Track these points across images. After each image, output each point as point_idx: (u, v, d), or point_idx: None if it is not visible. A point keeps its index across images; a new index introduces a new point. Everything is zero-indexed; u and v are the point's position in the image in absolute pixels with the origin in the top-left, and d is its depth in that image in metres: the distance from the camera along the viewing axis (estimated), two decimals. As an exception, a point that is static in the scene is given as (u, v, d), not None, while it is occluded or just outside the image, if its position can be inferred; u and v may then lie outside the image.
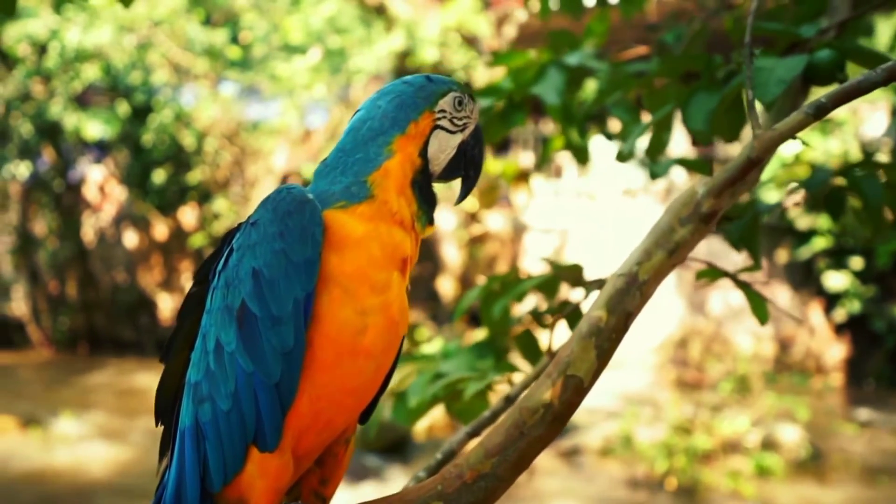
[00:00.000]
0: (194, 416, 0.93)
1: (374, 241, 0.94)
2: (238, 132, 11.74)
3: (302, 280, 0.88)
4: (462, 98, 1.03)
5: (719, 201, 1.02)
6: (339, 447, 1.02)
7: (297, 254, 0.89)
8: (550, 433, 0.95)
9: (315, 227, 0.90)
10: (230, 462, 0.90)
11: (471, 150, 1.04)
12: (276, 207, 0.92)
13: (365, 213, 0.95)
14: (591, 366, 0.97)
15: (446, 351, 2.14)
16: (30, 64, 10.60)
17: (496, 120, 2.22)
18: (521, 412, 0.94)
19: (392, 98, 1.01)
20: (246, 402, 0.88)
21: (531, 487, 7.71)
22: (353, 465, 7.73)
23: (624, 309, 0.99)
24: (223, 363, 0.90)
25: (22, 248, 12.34)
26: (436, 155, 1.01)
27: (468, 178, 1.06)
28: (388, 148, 0.98)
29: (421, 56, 11.01)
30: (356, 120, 1.02)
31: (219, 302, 0.92)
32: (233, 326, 0.90)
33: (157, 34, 10.96)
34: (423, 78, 1.04)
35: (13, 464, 7.75)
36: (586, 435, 8.70)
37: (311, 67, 11.16)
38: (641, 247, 1.02)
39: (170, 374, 1.02)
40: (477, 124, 1.05)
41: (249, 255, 0.91)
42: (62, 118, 10.83)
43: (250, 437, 0.89)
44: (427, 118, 1.00)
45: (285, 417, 0.90)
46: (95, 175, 12.72)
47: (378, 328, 0.94)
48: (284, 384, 0.88)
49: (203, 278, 1.00)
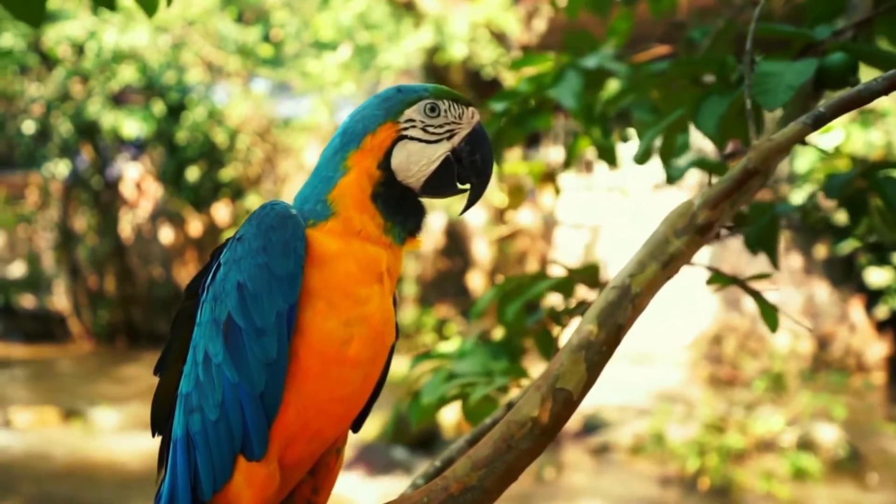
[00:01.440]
0: (185, 426, 0.95)
1: (349, 257, 0.95)
2: (269, 129, 11.88)
3: (284, 292, 0.90)
4: (436, 105, 1.00)
5: (715, 213, 1.00)
6: (330, 457, 1.04)
7: (279, 267, 0.90)
8: (538, 447, 0.95)
9: (297, 241, 0.92)
10: (219, 471, 0.92)
11: (469, 157, 1.01)
12: (260, 223, 0.94)
13: (333, 230, 0.96)
14: (581, 379, 0.96)
15: (462, 350, 2.14)
16: (69, 65, 10.87)
17: (512, 124, 2.20)
18: (508, 425, 0.94)
19: (356, 113, 1.02)
20: (233, 412, 0.91)
21: (559, 484, 7.68)
22: (381, 458, 7.79)
23: (615, 322, 0.98)
24: (211, 374, 0.92)
25: (63, 244, 12.69)
26: (404, 166, 0.98)
27: (472, 186, 1.03)
28: (343, 164, 0.98)
29: (450, 52, 10.99)
30: (332, 138, 1.03)
31: (207, 315, 0.95)
32: (219, 339, 0.92)
33: (190, 34, 11.14)
34: (394, 89, 1.02)
35: (55, 453, 7.99)
36: (617, 432, 8.63)
37: (341, 64, 11.23)
38: (635, 258, 1.01)
39: (164, 385, 1.04)
40: (475, 128, 1.02)
41: (235, 269, 0.93)
42: (100, 117, 11.08)
43: (238, 446, 0.91)
44: (388, 129, 0.98)
45: (271, 427, 0.92)
46: (132, 172, 13.00)
47: (363, 338, 0.95)
48: (269, 394, 0.90)
49: (193, 293, 1.02)
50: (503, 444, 0.94)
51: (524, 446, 0.94)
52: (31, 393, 9.98)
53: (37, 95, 11.07)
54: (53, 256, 12.91)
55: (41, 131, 11.64)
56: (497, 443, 0.94)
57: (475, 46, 11.21)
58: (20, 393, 9.98)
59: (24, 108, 11.29)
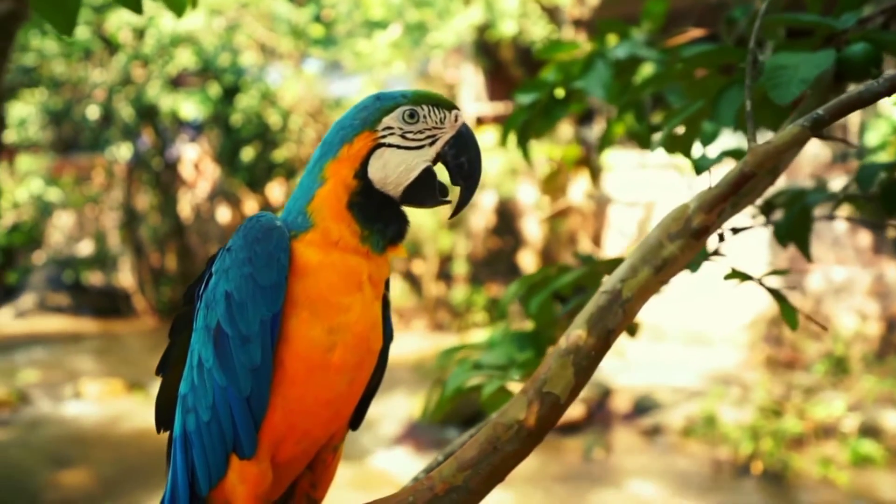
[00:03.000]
0: (183, 425, 1.01)
1: (328, 268, 0.97)
2: (321, 109, 12.01)
3: (268, 302, 0.93)
4: (415, 111, 0.99)
5: (711, 216, 0.99)
6: (327, 454, 1.08)
7: (263, 278, 0.94)
8: (524, 449, 0.96)
9: (280, 252, 0.95)
10: (214, 468, 0.97)
11: (454, 160, 1.00)
12: (247, 235, 0.98)
13: (313, 241, 0.98)
14: (569, 383, 0.97)
15: (491, 340, 2.16)
16: (130, 50, 11.20)
17: (540, 115, 2.17)
18: (495, 428, 0.96)
19: (336, 124, 1.03)
20: (223, 413, 0.95)
21: (608, 465, 7.65)
22: (429, 435, 7.91)
23: (605, 327, 0.98)
24: (203, 378, 0.97)
25: (127, 223, 13.19)
26: (381, 174, 0.98)
27: (461, 189, 1.02)
28: (320, 175, 0.99)
29: (500, 29, 10.86)
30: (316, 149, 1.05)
31: (201, 322, 0.99)
32: (210, 345, 0.96)
33: (244, 16, 11.32)
34: (373, 97, 1.02)
35: (121, 423, 8.41)
36: (668, 414, 8.52)
37: (391, 43, 11.23)
38: (627, 263, 1.00)
39: (167, 385, 1.10)
40: (459, 131, 1.00)
41: (224, 279, 0.97)
42: (159, 100, 11.41)
43: (230, 445, 0.96)
44: (365, 139, 0.99)
45: (260, 428, 0.96)
46: (190, 154, 13.38)
47: (346, 345, 0.97)
48: (255, 398, 0.94)
49: (190, 299, 1.07)
50: (489, 445, 0.95)
51: (510, 448, 0.96)
52: (99, 365, 10.50)
53: (100, 81, 11.46)
54: (119, 235, 13.43)
55: (105, 115, 12.06)
56: (483, 445, 0.96)
57: (526, 22, 11.05)
58: (90, 365, 10.51)
59: (88, 93, 11.71)
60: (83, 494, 6.71)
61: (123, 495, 6.48)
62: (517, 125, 2.08)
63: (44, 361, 10.52)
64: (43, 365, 10.22)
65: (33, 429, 8.24)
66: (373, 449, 7.77)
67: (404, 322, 12.83)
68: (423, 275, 12.78)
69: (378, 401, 4.93)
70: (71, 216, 14.22)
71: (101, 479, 7.05)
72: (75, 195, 13.23)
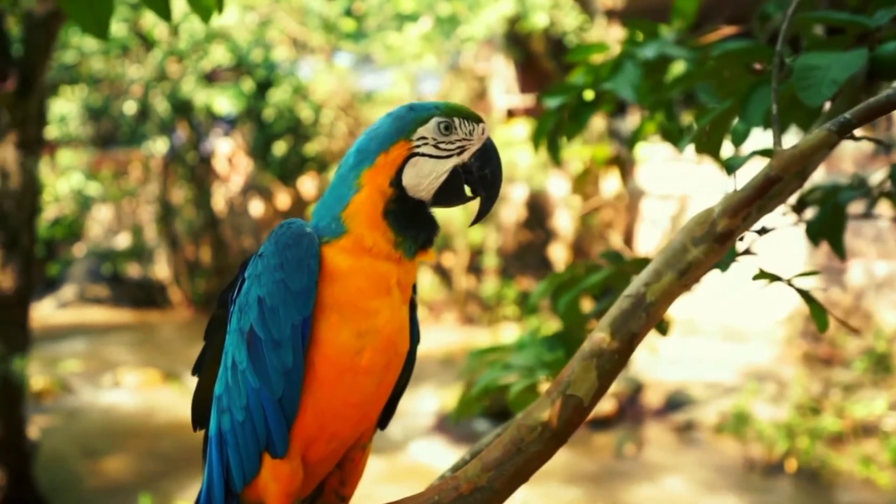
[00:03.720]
0: (218, 424, 1.05)
1: (358, 273, 1.00)
2: (352, 103, 12.08)
3: (299, 306, 0.97)
4: (449, 122, 1.02)
5: (735, 221, 0.98)
6: (355, 452, 1.11)
7: (294, 283, 0.97)
8: (548, 450, 0.97)
9: (311, 258, 0.98)
10: (247, 466, 1.01)
11: (479, 171, 1.04)
12: (278, 241, 1.01)
13: (345, 247, 1.01)
14: (592, 386, 0.98)
15: (520, 342, 2.16)
16: (165, 46, 11.39)
17: (569, 118, 2.16)
18: (519, 429, 0.97)
19: (370, 132, 1.05)
20: (256, 414, 0.99)
21: (640, 461, 7.60)
22: (461, 429, 7.95)
23: (629, 330, 0.99)
24: (237, 380, 1.01)
25: (163, 216, 13.46)
26: (416, 182, 1.02)
27: (482, 199, 1.06)
28: (356, 182, 1.02)
29: (531, 20, 10.79)
30: (346, 155, 1.07)
31: (234, 325, 1.03)
32: (244, 347, 1.00)
33: (276, 10, 11.42)
34: (406, 108, 1.05)
35: (157, 413, 8.61)
36: (701, 410, 8.43)
37: (422, 36, 11.23)
38: (651, 266, 1.01)
39: (203, 385, 1.14)
40: (485, 144, 1.05)
41: (256, 284, 1.01)
42: (194, 96, 11.60)
43: (263, 445, 1.00)
44: (400, 147, 1.02)
45: (291, 429, 0.99)
46: (224, 148, 13.57)
47: (375, 348, 1.00)
48: (287, 400, 0.98)
49: (224, 302, 1.11)
50: (513, 447, 0.97)
51: (534, 450, 0.97)
52: (137, 356, 10.75)
53: (136, 77, 11.69)
54: (155, 228, 13.71)
55: (141, 111, 12.31)
56: (507, 446, 0.97)
57: (557, 13, 10.96)
58: (128, 356, 10.77)
59: (126, 89, 11.95)
60: (121, 483, 6.90)
61: (159, 484, 6.64)
62: (546, 129, 2.08)
63: (84, 351, 10.82)
64: (83, 355, 10.50)
65: (74, 417, 8.48)
66: (404, 441, 7.85)
67: (434, 315, 12.87)
68: (453, 268, 12.81)
69: (408, 394, 4.97)
70: (109, 209, 14.55)
71: (138, 469, 7.24)
72: (113, 189, 13.54)
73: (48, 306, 13.69)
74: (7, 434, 6.00)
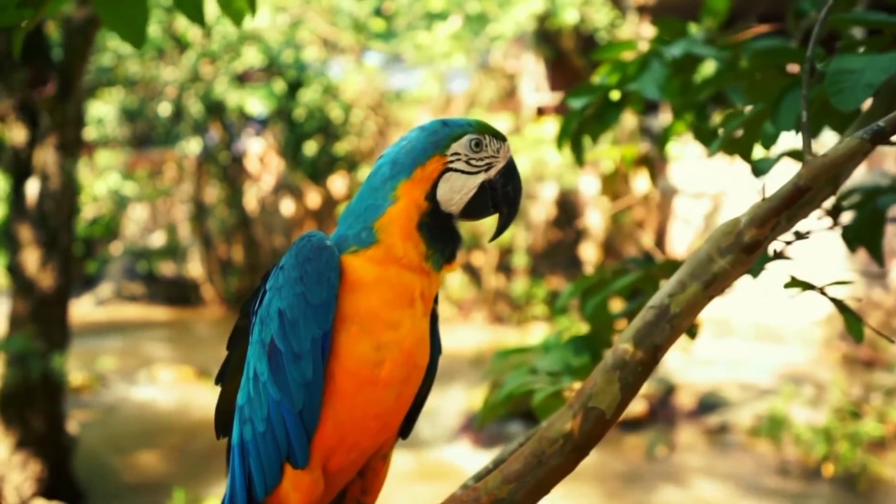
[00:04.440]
0: (240, 434, 1.06)
1: (384, 283, 1.01)
2: (382, 103, 12.13)
3: (319, 320, 0.98)
4: (480, 140, 1.05)
5: (763, 231, 0.96)
6: (377, 462, 1.12)
7: (314, 296, 0.98)
8: (569, 463, 0.96)
9: (330, 272, 0.99)
10: (269, 476, 1.02)
11: (502, 188, 1.07)
12: (298, 254, 1.02)
13: (374, 257, 1.02)
14: (615, 399, 0.96)
15: (546, 344, 2.15)
16: (199, 48, 11.57)
17: (594, 119, 2.13)
18: (540, 441, 0.96)
19: (405, 144, 1.06)
20: (277, 425, 1.00)
21: (671, 463, 7.51)
22: (491, 429, 7.93)
23: (652, 342, 0.97)
24: (259, 391, 1.02)
25: (196, 215, 13.69)
26: (448, 196, 1.04)
27: (503, 215, 1.09)
28: (393, 193, 1.03)
29: (561, 17, 10.71)
30: (376, 165, 1.08)
31: (256, 336, 1.04)
32: (265, 359, 1.01)
33: (307, 11, 11.52)
34: (439, 123, 1.07)
35: (191, 410, 8.76)
36: (736, 412, 8.29)
37: (451, 35, 11.23)
38: (676, 277, 0.99)
39: (226, 393, 1.15)
40: (508, 162, 1.08)
41: (277, 296, 1.02)
42: (226, 96, 11.77)
43: (284, 455, 1.01)
44: (436, 162, 1.04)
45: (312, 440, 1.00)
46: (256, 148, 13.74)
47: (394, 361, 1.01)
48: (307, 412, 0.99)
49: (246, 313, 1.12)
50: (534, 459, 0.96)
51: (555, 462, 0.96)
52: (171, 352, 10.95)
53: (171, 79, 11.89)
54: (189, 227, 13.95)
55: (175, 112, 12.53)
56: (528, 458, 0.97)
57: (588, 10, 10.86)
58: (163, 352, 10.98)
59: (160, 90, 12.17)
60: (155, 478, 7.03)
61: (192, 481, 6.75)
62: (570, 130, 2.06)
63: (120, 348, 11.05)
64: (120, 351, 10.73)
65: (111, 412, 8.67)
66: (433, 441, 7.86)
67: (463, 314, 12.87)
68: (482, 267, 12.79)
69: (437, 393, 5.00)
70: (145, 209, 14.85)
71: (171, 464, 7.37)
72: (149, 189, 13.81)
73: (87, 303, 14.02)
74: (47, 428, 6.16)
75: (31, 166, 6.15)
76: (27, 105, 6.13)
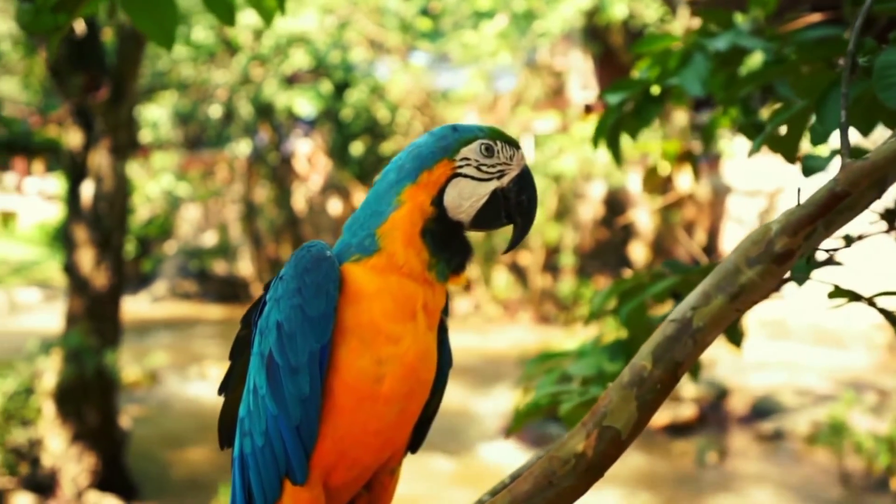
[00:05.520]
0: (240, 447, 1.03)
1: (385, 294, 0.96)
2: (428, 102, 12.14)
3: (317, 333, 0.94)
4: (491, 145, 1.01)
5: (796, 240, 0.88)
6: (384, 476, 1.07)
7: (312, 309, 0.94)
8: (582, 484, 0.91)
9: (329, 283, 0.95)
10: (269, 491, 0.99)
11: (516, 198, 1.02)
12: (297, 265, 0.98)
13: (376, 265, 0.98)
14: (631, 417, 0.90)
15: (582, 349, 2.08)
16: (249, 51, 11.81)
17: (633, 115, 2.05)
18: (551, 461, 0.91)
19: (412, 149, 1.02)
20: (275, 440, 0.97)
21: (723, 470, 7.30)
22: (534, 430, 7.85)
23: (672, 359, 0.90)
24: (258, 404, 0.99)
25: (247, 215, 13.98)
26: (457, 203, 1.00)
27: (517, 226, 1.04)
28: (397, 198, 0.99)
29: (610, 12, 10.52)
30: (384, 171, 1.04)
31: (256, 348, 1.01)
32: (263, 372, 0.98)
33: (354, 12, 11.62)
34: (449, 128, 1.03)
35: (240, 406, 8.92)
36: (792, 418, 8.01)
37: (498, 33, 11.17)
38: (700, 289, 0.92)
39: (229, 404, 1.12)
40: (523, 170, 1.03)
41: (275, 308, 0.99)
42: (275, 98, 11.97)
43: (283, 471, 0.97)
44: (444, 167, 1.00)
45: (310, 456, 0.97)
46: (304, 148, 13.95)
47: (395, 376, 0.96)
48: (304, 427, 0.95)
49: (248, 323, 1.09)
50: (544, 480, 0.91)
51: (566, 483, 0.91)
52: (222, 349, 11.18)
53: (222, 82, 12.16)
54: (239, 227, 14.25)
55: (226, 114, 12.81)
56: (538, 479, 0.91)
57: (637, 5, 10.64)
58: (214, 349, 11.23)
59: (212, 93, 12.46)
60: (204, 473, 7.18)
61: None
62: (606, 127, 1.98)
63: (172, 344, 11.35)
64: (172, 348, 11.02)
65: (163, 408, 8.90)
66: (476, 442, 7.82)
67: (509, 314, 12.78)
68: (529, 266, 12.68)
69: (481, 395, 4.99)
70: (197, 209, 15.23)
71: (220, 460, 7.52)
72: (201, 189, 14.16)
73: (143, 301, 14.46)
74: (101, 422, 6.36)
75: (86, 169, 6.36)
76: (82, 109, 6.34)
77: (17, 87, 12.93)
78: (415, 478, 6.89)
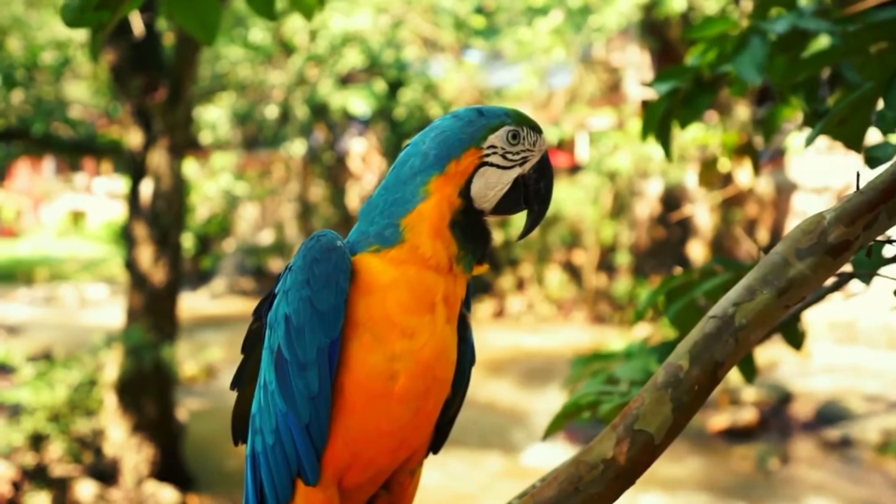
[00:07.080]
0: (252, 444, 0.99)
1: (402, 285, 0.92)
2: (482, 100, 12.09)
3: (326, 327, 0.89)
4: (518, 132, 0.96)
5: (853, 230, 0.80)
6: (403, 477, 1.02)
7: (321, 301, 0.90)
8: (611, 492, 0.84)
9: (340, 274, 0.90)
10: (280, 491, 0.95)
11: (535, 184, 0.98)
12: (306, 255, 0.94)
13: (396, 257, 0.93)
14: (665, 421, 0.83)
15: (629, 350, 2.00)
16: (304, 52, 11.99)
17: (683, 104, 1.94)
18: (577, 466, 0.85)
19: (437, 134, 0.96)
20: (286, 439, 0.93)
21: (784, 477, 7.03)
22: (585, 431, 7.71)
23: (711, 358, 0.83)
24: (268, 401, 0.95)
25: (302, 213, 14.21)
26: (483, 192, 0.95)
27: (533, 212, 0.99)
28: (424, 189, 0.94)
29: (669, 5, 10.25)
30: (402, 155, 0.99)
31: (266, 342, 0.97)
32: (272, 368, 0.94)
33: (408, 11, 11.66)
34: (475, 111, 0.97)
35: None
36: (860, 425, 7.66)
37: (552, 29, 11.03)
38: (743, 283, 0.84)
39: (242, 400, 1.08)
40: (543, 156, 0.99)
41: (284, 300, 0.94)
42: (330, 98, 12.12)
43: (294, 470, 0.93)
44: (472, 156, 0.95)
45: (322, 456, 0.92)
46: (358, 147, 14.10)
47: (409, 374, 0.91)
48: (314, 426, 0.91)
49: (259, 316, 1.04)
50: (570, 486, 0.85)
51: (594, 490, 0.84)
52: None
53: (278, 82, 12.39)
54: (295, 225, 14.51)
55: (282, 114, 13.05)
56: (563, 484, 0.85)
57: (697, -3, 10.34)
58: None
59: (268, 94, 12.71)
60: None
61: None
62: (656, 118, 1.88)
63: (230, 340, 11.62)
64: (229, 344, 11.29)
65: (220, 402, 9.11)
66: (526, 442, 7.73)
67: (563, 314, 12.61)
68: (583, 265, 12.49)
69: (533, 394, 4.92)
70: (255, 207, 15.58)
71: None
72: (258, 188, 14.47)
73: (203, 297, 14.87)
74: (159, 415, 6.55)
75: (145, 168, 6.55)
76: (142, 110, 6.53)
77: (86, 91, 13.47)
78: (467, 475, 6.86)
